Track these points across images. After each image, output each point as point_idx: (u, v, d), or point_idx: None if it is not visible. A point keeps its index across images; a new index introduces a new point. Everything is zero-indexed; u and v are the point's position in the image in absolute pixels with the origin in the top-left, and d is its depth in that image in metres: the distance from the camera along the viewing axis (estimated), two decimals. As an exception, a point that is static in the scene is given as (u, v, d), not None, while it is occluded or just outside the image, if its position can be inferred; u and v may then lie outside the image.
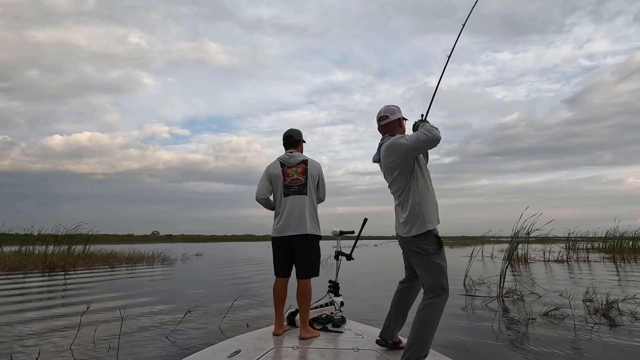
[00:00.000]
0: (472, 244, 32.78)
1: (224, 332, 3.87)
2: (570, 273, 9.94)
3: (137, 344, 3.45)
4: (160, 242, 55.21)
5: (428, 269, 2.04)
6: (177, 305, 5.41)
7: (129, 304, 5.45)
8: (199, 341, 3.48)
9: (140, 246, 26.85)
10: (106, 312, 4.90)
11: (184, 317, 4.27)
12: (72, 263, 12.68)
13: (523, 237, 8.26)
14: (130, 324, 4.22)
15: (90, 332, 3.70)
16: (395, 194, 2.19)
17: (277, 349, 2.30)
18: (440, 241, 2.04)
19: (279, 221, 2.68)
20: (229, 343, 2.42)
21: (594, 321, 4.26)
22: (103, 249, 16.86)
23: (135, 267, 12.67)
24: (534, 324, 4.18)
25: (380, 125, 2.27)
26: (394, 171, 2.14)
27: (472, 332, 3.85)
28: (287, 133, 2.87)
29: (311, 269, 2.66)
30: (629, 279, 8.33)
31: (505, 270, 6.42)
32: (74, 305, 5.41)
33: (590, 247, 18.94)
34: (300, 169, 2.71)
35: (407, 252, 2.15)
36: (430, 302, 2.00)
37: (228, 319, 4.41)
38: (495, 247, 20.10)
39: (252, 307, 5.32)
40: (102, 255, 15.37)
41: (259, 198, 2.79)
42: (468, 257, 8.54)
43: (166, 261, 15.05)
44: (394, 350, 2.27)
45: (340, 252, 3.16)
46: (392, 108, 2.26)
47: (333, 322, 2.88)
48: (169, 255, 16.34)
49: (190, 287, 7.57)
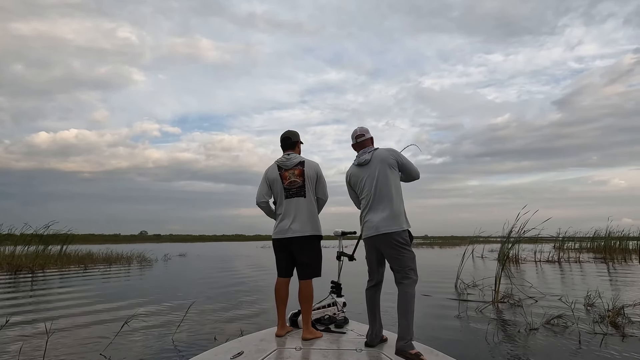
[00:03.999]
0: (461, 244, 33.03)
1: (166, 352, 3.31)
2: (563, 274, 9.62)
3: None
4: (148, 242, 54.03)
5: (408, 257, 2.31)
6: (121, 313, 4.73)
7: (64, 314, 4.75)
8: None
9: (125, 246, 26.02)
10: (32, 326, 4.16)
11: (120, 329, 3.65)
12: (42, 264, 11.90)
13: (517, 237, 7.86)
14: (58, 340, 3.50)
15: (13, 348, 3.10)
16: (381, 192, 2.40)
17: (279, 350, 2.29)
18: (412, 235, 2.42)
19: (280, 223, 2.70)
20: (231, 344, 2.40)
21: (602, 330, 3.82)
22: (81, 250, 16.04)
23: (111, 269, 11.95)
24: (536, 335, 3.72)
25: (357, 141, 2.65)
26: (389, 167, 2.42)
27: (468, 345, 3.38)
28: (284, 135, 2.86)
29: (312, 270, 2.64)
30: (627, 281, 8.02)
31: (501, 273, 5.99)
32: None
33: (579, 247, 18.84)
34: (297, 171, 2.71)
35: (388, 246, 2.33)
36: (411, 287, 2.26)
37: (170, 334, 3.82)
38: (486, 247, 19.99)
39: (210, 317, 4.76)
40: (77, 256, 14.61)
41: (259, 202, 2.80)
42: (457, 257, 8.13)
43: (144, 262, 14.30)
44: (393, 347, 2.24)
45: (342, 252, 3.16)
46: (365, 128, 2.68)
47: (336, 323, 2.87)
48: (148, 256, 15.57)
49: (155, 290, 6.95)
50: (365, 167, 2.49)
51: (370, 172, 2.45)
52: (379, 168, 2.42)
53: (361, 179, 2.50)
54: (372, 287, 2.50)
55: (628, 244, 17.71)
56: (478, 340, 3.56)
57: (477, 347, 3.35)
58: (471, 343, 3.48)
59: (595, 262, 13.44)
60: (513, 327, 4.07)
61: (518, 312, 4.78)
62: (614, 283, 7.69)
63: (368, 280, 2.54)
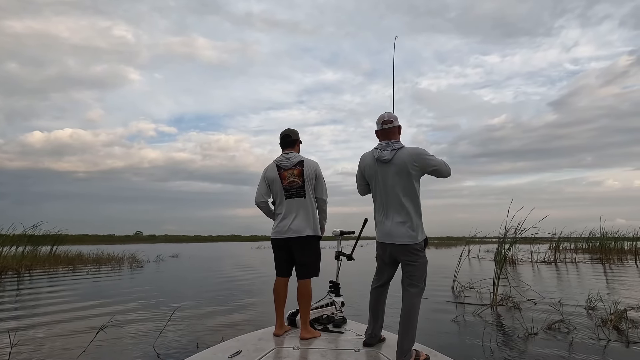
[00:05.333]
0: (457, 245, 32.95)
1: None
2: (560, 276, 9.48)
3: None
4: (143, 242, 53.53)
5: (422, 265, 2.23)
6: (99, 318, 4.48)
7: (37, 323, 4.37)
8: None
9: (118, 247, 25.61)
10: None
11: (93, 338, 3.38)
12: (29, 266, 11.58)
13: (514, 238, 7.70)
14: (22, 352, 3.20)
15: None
16: (396, 200, 2.25)
17: (278, 350, 2.28)
18: (427, 240, 2.32)
19: (279, 223, 2.66)
20: (230, 344, 2.38)
21: (606, 336, 3.65)
22: (71, 250, 15.71)
23: (100, 270, 11.66)
24: (537, 341, 3.54)
25: (384, 128, 2.35)
26: (409, 176, 2.21)
27: (465, 351, 3.18)
28: (284, 133, 2.78)
29: (310, 269, 2.62)
30: (625, 282, 7.89)
31: (499, 275, 5.81)
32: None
33: (574, 248, 18.79)
34: (297, 171, 2.64)
35: (402, 254, 2.25)
36: (417, 297, 2.20)
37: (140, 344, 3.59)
38: (482, 248, 19.86)
39: (196, 322, 4.53)
40: (66, 257, 14.30)
41: (258, 202, 2.75)
42: (454, 258, 7.95)
43: (135, 263, 14.00)
44: (391, 347, 2.26)
45: (340, 252, 3.14)
46: (394, 115, 2.41)
47: (334, 323, 2.86)
48: (139, 257, 15.26)
49: (141, 292, 6.70)
50: (384, 165, 2.25)
51: (388, 173, 2.24)
52: (398, 174, 2.21)
53: (376, 176, 2.31)
54: (379, 286, 2.43)
55: (623, 244, 17.68)
56: (476, 345, 3.37)
57: (475, 353, 3.15)
58: (469, 349, 3.29)
59: (592, 263, 13.35)
60: (512, 332, 3.88)
61: (517, 316, 4.60)
62: (613, 284, 7.56)
63: (375, 278, 2.45)
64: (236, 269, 12.23)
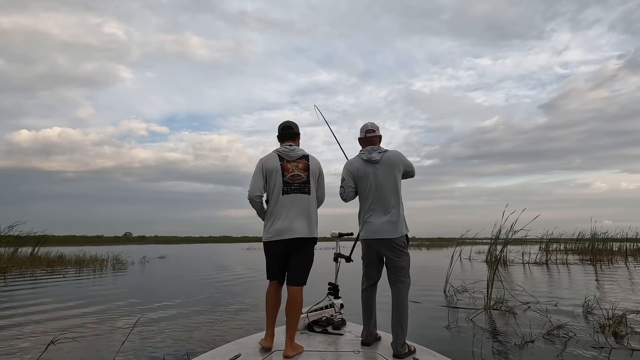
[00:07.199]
0: (449, 246, 32.96)
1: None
2: (552, 277, 9.34)
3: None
4: (132, 243, 52.59)
5: (406, 260, 2.41)
6: (52, 328, 4.13)
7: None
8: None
9: (106, 248, 24.95)
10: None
11: (45, 350, 3.03)
12: (4, 267, 11.06)
13: (505, 239, 7.53)
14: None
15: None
16: (385, 197, 2.42)
17: (277, 353, 2.24)
18: (408, 238, 2.51)
19: (277, 222, 2.32)
20: (228, 347, 2.36)
21: (606, 343, 3.43)
22: (52, 252, 15.14)
23: (81, 272, 11.19)
24: (534, 349, 3.31)
25: (367, 136, 2.57)
26: (396, 175, 2.45)
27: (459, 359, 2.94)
28: (285, 124, 2.55)
29: (304, 275, 2.39)
30: (617, 283, 7.76)
31: (493, 278, 5.60)
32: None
33: (565, 249, 18.82)
34: (302, 164, 2.40)
35: (387, 249, 2.39)
36: (404, 292, 2.36)
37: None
38: (473, 249, 19.79)
39: (160, 331, 4.21)
40: (46, 259, 13.77)
41: (253, 195, 2.37)
42: (445, 259, 7.74)
43: (118, 265, 13.52)
44: (388, 348, 2.32)
45: (339, 254, 3.11)
46: (376, 125, 2.61)
47: (333, 325, 2.84)
48: (124, 259, 14.76)
49: (117, 296, 6.33)
50: (373, 166, 2.46)
51: (377, 173, 2.44)
52: (387, 173, 2.43)
53: (365, 176, 2.47)
54: (369, 287, 2.52)
55: (613, 245, 17.75)
56: (472, 354, 3.13)
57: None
58: (463, 357, 3.04)
59: (583, 264, 13.30)
60: (508, 339, 3.64)
61: (512, 321, 4.39)
62: (605, 286, 7.42)
63: (364, 280, 2.53)
64: (222, 270, 11.86)
